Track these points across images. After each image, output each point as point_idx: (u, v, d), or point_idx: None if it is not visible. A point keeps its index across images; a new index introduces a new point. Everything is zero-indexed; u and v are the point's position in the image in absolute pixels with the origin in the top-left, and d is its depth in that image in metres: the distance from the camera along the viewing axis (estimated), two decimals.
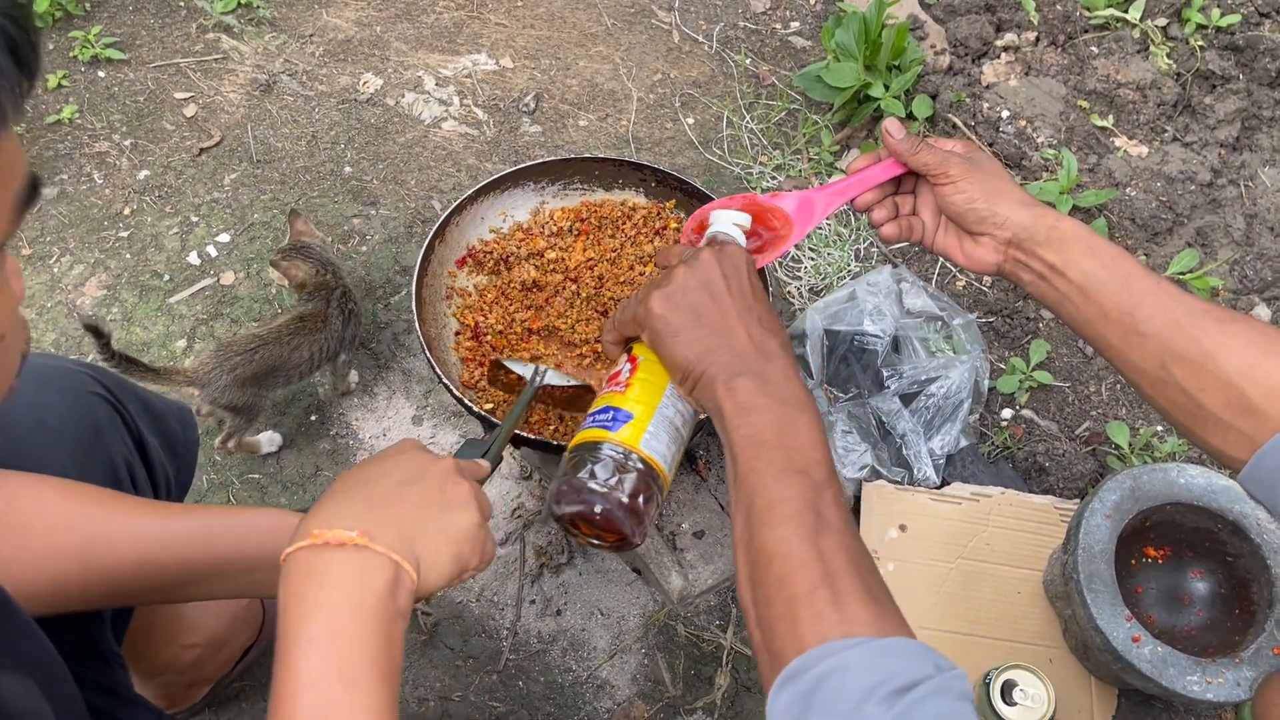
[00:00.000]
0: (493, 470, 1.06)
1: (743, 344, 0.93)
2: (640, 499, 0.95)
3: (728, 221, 1.10)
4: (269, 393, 1.62)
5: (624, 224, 1.54)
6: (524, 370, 1.31)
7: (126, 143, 2.10)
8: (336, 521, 0.79)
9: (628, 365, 1.02)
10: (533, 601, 1.62)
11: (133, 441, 1.09)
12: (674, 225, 1.54)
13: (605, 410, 0.99)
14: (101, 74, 2.21)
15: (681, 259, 1.02)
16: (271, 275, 1.74)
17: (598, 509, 0.94)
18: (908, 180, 1.17)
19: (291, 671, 0.73)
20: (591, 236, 1.53)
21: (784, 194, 1.18)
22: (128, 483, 1.05)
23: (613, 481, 0.94)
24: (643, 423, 0.97)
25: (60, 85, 2.17)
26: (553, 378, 1.29)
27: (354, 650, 0.74)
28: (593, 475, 0.94)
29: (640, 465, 0.95)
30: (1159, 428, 1.78)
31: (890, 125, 1.12)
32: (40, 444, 0.98)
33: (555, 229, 1.54)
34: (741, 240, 1.10)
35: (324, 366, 1.67)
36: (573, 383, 1.30)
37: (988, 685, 1.34)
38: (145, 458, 1.10)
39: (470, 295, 1.51)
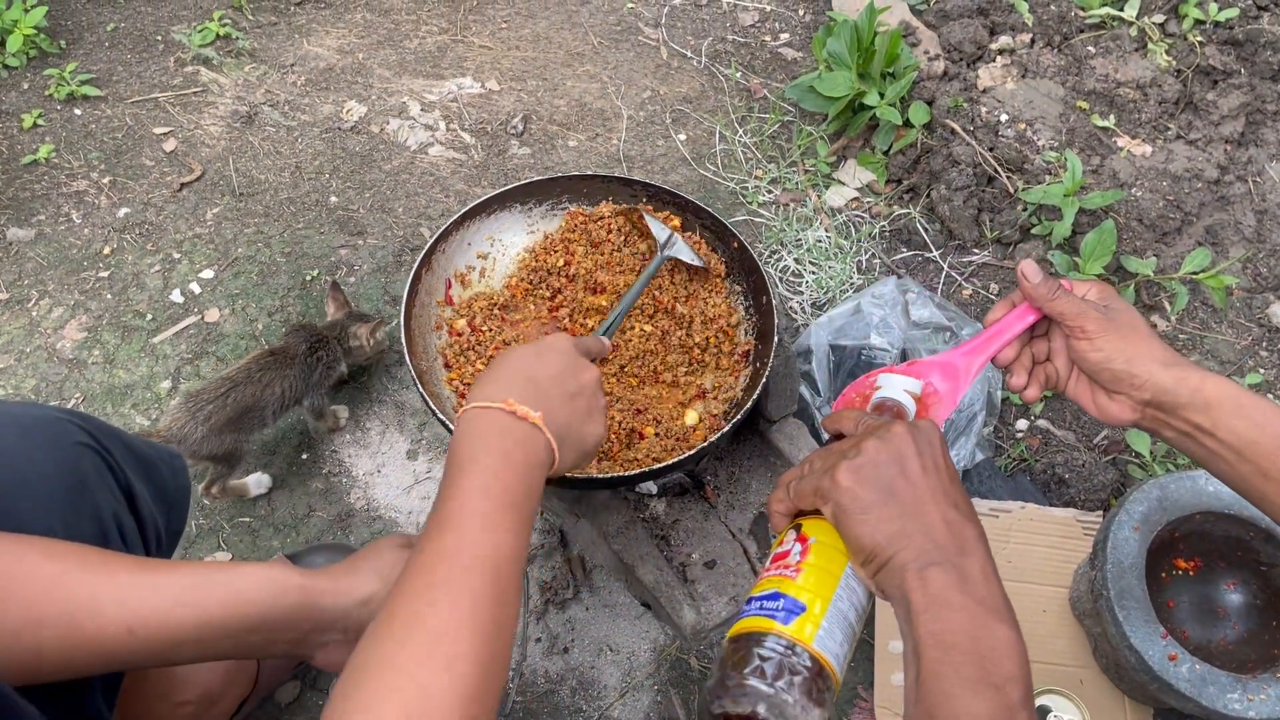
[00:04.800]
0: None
1: (938, 530, 0.84)
2: (810, 703, 0.82)
3: (899, 388, 1.01)
4: (248, 436, 1.56)
5: (612, 235, 1.49)
6: (659, 231, 1.38)
7: (105, 180, 2.05)
8: (523, 401, 0.94)
9: (797, 545, 0.90)
10: (539, 640, 1.55)
11: (121, 491, 1.02)
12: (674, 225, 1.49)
13: (773, 596, 0.87)
14: (78, 111, 2.16)
15: (868, 430, 0.92)
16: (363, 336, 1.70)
17: (762, 711, 0.81)
18: (1040, 323, 1.08)
19: (465, 485, 0.87)
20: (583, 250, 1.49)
21: (921, 361, 1.08)
22: (116, 537, 0.99)
23: (781, 682, 0.81)
24: (816, 617, 0.85)
25: (36, 124, 2.12)
26: (681, 250, 1.39)
27: (517, 485, 0.89)
28: (760, 672, 0.82)
29: (811, 664, 0.83)
30: None
31: (1026, 268, 1.03)
32: (23, 500, 0.91)
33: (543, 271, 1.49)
34: (913, 409, 1.01)
35: (293, 407, 1.61)
36: (698, 262, 1.41)
37: None
38: (134, 508, 1.04)
39: (459, 325, 1.45)
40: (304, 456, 1.72)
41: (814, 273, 1.93)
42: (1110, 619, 1.33)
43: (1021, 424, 1.75)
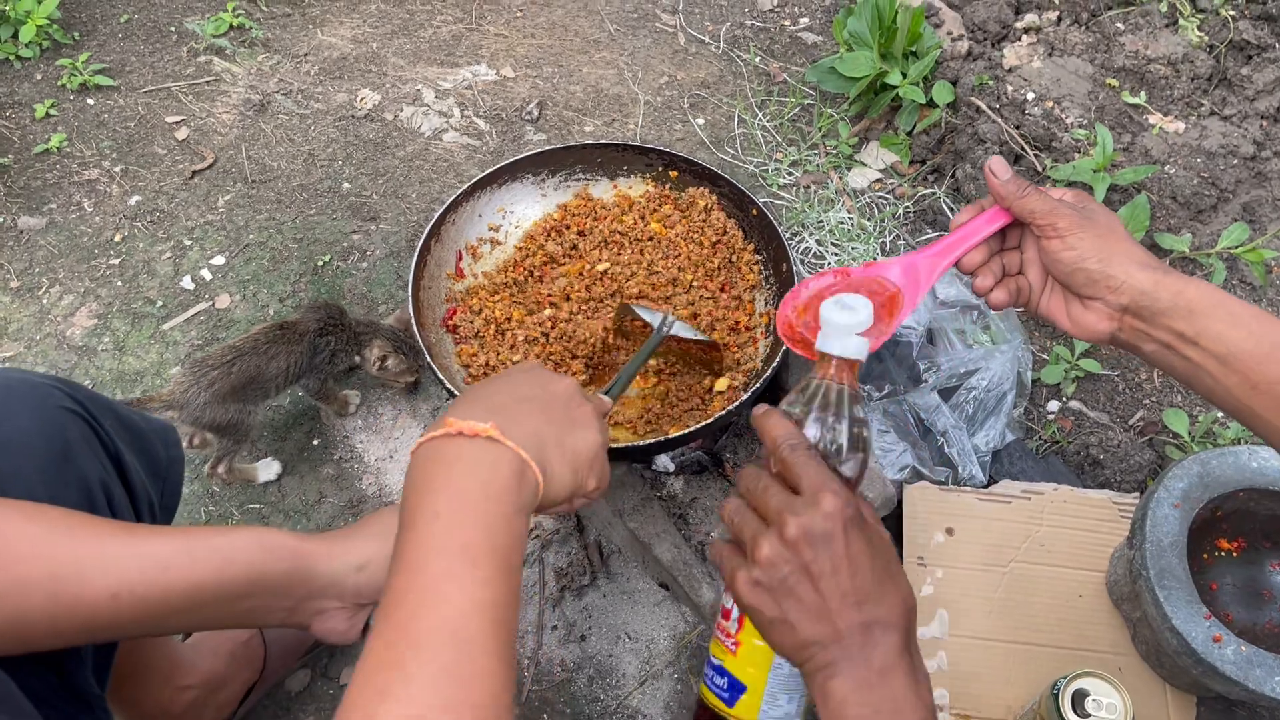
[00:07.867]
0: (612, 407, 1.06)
1: (842, 634, 0.80)
2: None
3: (848, 331, 0.86)
4: (251, 408, 1.52)
5: (622, 229, 1.44)
6: (652, 318, 1.30)
7: (117, 169, 2.03)
8: (470, 417, 0.79)
9: (736, 609, 0.91)
10: (554, 627, 1.51)
11: (110, 460, 0.99)
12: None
13: (720, 670, 0.92)
14: (91, 101, 2.14)
15: (780, 516, 0.82)
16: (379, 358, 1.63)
17: None
18: (1012, 234, 1.03)
19: (415, 542, 0.73)
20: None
21: (881, 262, 1.02)
22: (103, 504, 0.95)
23: None
24: (757, 694, 0.90)
25: (48, 114, 2.10)
26: (680, 329, 1.29)
27: (477, 529, 0.74)
28: None
29: None
30: (1220, 414, 1.65)
31: (995, 164, 0.98)
32: (4, 463, 0.88)
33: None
34: (864, 355, 0.87)
35: (296, 383, 1.57)
36: (700, 337, 1.30)
37: (1056, 696, 1.22)
38: (125, 479, 1.00)
39: (473, 298, 1.41)
40: (315, 442, 1.68)
41: (836, 254, 1.88)
42: (1150, 600, 1.27)
43: (1053, 405, 1.69)
